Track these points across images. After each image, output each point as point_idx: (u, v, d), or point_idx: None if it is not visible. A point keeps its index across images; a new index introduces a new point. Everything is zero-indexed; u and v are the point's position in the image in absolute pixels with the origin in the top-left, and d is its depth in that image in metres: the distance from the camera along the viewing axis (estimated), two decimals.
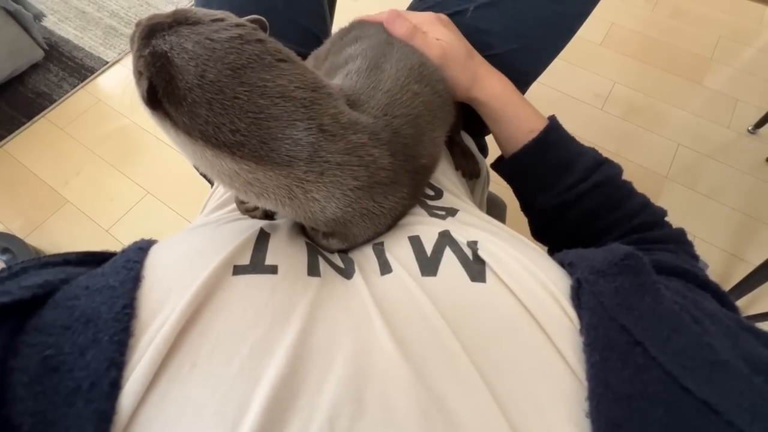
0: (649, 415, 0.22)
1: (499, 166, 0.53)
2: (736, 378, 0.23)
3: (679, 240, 0.41)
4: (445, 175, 0.49)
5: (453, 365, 0.24)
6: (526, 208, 0.53)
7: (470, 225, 0.35)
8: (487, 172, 0.63)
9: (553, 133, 0.46)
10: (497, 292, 0.28)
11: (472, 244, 0.31)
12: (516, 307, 0.27)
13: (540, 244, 0.44)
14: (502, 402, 0.23)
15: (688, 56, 1.46)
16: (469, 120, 0.59)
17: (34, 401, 0.21)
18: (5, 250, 1.01)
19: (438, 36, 0.46)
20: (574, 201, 0.45)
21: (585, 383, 0.24)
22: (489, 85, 0.48)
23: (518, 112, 0.47)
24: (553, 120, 0.47)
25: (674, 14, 1.57)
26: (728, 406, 0.22)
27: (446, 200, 0.43)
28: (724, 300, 0.33)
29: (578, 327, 0.26)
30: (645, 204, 0.44)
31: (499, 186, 1.00)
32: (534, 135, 0.46)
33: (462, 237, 0.32)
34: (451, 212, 0.38)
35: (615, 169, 0.45)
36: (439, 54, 0.45)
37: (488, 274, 0.29)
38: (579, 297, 0.27)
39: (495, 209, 0.73)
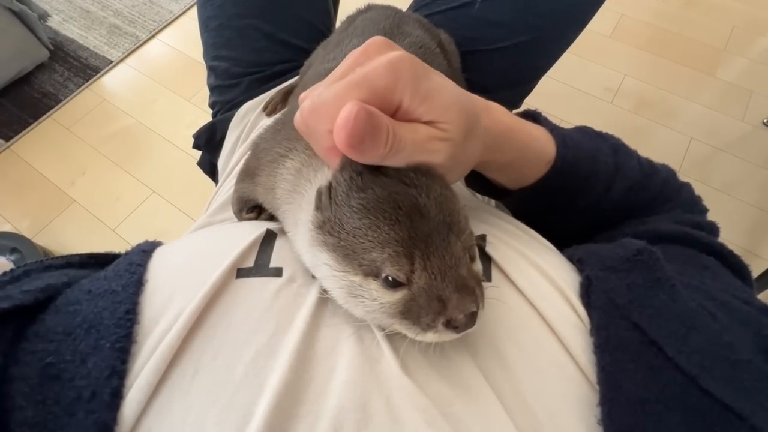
0: (666, 420, 0.21)
1: (511, 200, 0.41)
2: (760, 379, 0.22)
3: (687, 202, 0.39)
4: None
5: (458, 370, 0.24)
6: (542, 229, 0.45)
7: (476, 219, 0.34)
8: None
9: (569, 147, 0.36)
10: (504, 292, 0.27)
11: (480, 239, 0.30)
12: (523, 306, 0.26)
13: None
14: (510, 407, 0.22)
15: (701, 47, 1.42)
16: None
17: (35, 411, 0.20)
18: (13, 250, 1.01)
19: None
20: (596, 215, 0.39)
21: (597, 387, 0.23)
22: (495, 113, 0.33)
23: (531, 131, 0.35)
24: (553, 128, 0.37)
25: (686, 4, 1.54)
26: (752, 409, 0.21)
27: None
28: (730, 260, 0.31)
29: (588, 327, 0.25)
30: (663, 181, 0.39)
31: None
32: (553, 154, 0.35)
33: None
34: None
35: (631, 159, 0.39)
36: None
37: (494, 272, 0.28)
38: (589, 295, 0.26)
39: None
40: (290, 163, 0.30)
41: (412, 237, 0.22)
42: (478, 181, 0.41)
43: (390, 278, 0.22)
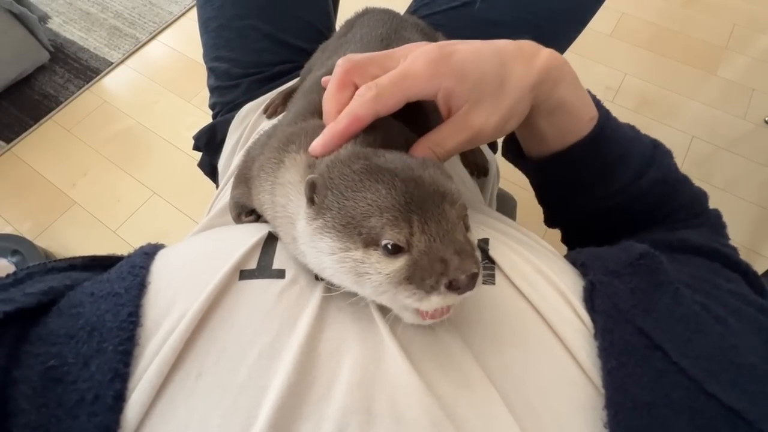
0: (672, 424, 0.21)
1: (528, 165, 0.41)
2: (765, 381, 0.22)
3: (715, 224, 0.38)
4: (454, 172, 0.48)
5: (463, 372, 0.23)
6: (555, 211, 0.44)
7: (480, 224, 0.34)
8: (497, 169, 0.62)
9: (609, 120, 0.37)
10: (507, 295, 0.27)
11: (483, 243, 0.30)
12: (527, 310, 0.26)
13: (547, 237, 0.39)
14: (515, 410, 0.22)
15: (702, 45, 1.42)
16: None
17: (37, 414, 0.20)
18: (15, 252, 1.01)
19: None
20: (622, 204, 0.38)
21: (602, 391, 0.23)
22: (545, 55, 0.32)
23: (581, 93, 0.35)
24: (598, 101, 0.37)
25: (687, 2, 1.53)
26: (758, 412, 0.21)
27: None
28: (755, 281, 0.31)
29: (592, 331, 0.25)
30: (693, 195, 0.39)
31: (508, 183, 0.99)
32: (594, 123, 0.35)
33: (472, 237, 0.31)
34: None
35: (668, 157, 0.38)
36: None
37: (498, 276, 0.28)
38: (593, 300, 0.26)
39: (505, 206, 0.71)
40: (276, 173, 0.30)
41: (408, 203, 0.23)
42: (512, 150, 0.42)
43: (390, 245, 0.22)
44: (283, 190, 0.29)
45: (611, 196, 0.38)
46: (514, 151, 0.42)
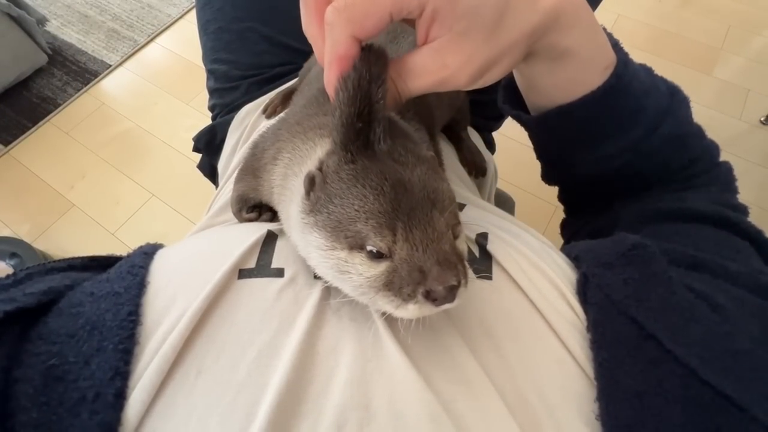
0: (665, 413, 0.21)
1: (527, 119, 0.36)
2: (760, 368, 0.22)
3: (725, 180, 0.36)
4: (453, 171, 0.48)
5: (460, 367, 0.24)
6: (558, 170, 0.40)
7: (478, 219, 0.34)
8: (495, 169, 0.62)
9: (628, 68, 0.32)
10: (503, 289, 0.27)
11: (481, 238, 0.30)
12: (523, 304, 0.27)
13: (545, 236, 0.37)
14: (511, 404, 0.22)
15: (698, 47, 1.43)
16: (476, 115, 0.58)
17: (39, 412, 0.20)
18: (13, 255, 1.01)
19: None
20: (629, 162, 0.34)
21: (595, 383, 0.23)
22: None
23: (598, 39, 0.30)
24: (617, 46, 0.33)
25: (682, 4, 1.54)
26: (752, 400, 0.21)
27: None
28: (765, 248, 0.30)
29: (585, 323, 0.25)
30: (704, 148, 0.36)
31: (506, 183, 0.99)
32: (609, 72, 0.31)
33: (470, 232, 0.32)
34: (458, 207, 0.37)
35: (684, 108, 0.35)
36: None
37: (495, 270, 0.28)
38: (585, 292, 0.26)
39: (503, 206, 0.71)
40: (282, 162, 0.31)
41: (395, 209, 0.22)
42: (510, 100, 0.37)
43: (374, 251, 0.23)
44: (282, 177, 0.29)
45: (619, 154, 0.34)
46: (511, 101, 0.37)
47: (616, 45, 0.32)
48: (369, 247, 0.23)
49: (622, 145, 0.34)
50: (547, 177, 0.43)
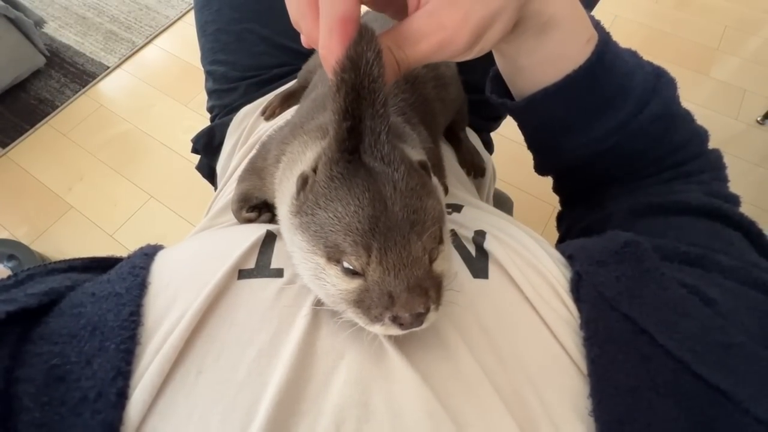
0: (657, 407, 0.21)
1: (516, 105, 0.36)
2: (753, 361, 0.22)
3: (715, 167, 0.36)
4: (451, 171, 0.49)
5: (457, 365, 0.24)
6: (548, 158, 0.41)
7: (475, 219, 0.35)
8: (494, 170, 0.62)
9: (609, 45, 0.33)
10: (500, 287, 0.28)
11: (479, 237, 0.31)
12: (519, 302, 0.27)
13: (543, 236, 0.37)
14: (508, 400, 0.23)
15: (694, 47, 1.44)
16: (474, 116, 0.58)
17: (41, 412, 0.20)
18: (11, 257, 1.01)
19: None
20: (617, 145, 0.35)
21: (588, 380, 0.23)
22: None
23: (579, 10, 0.31)
24: (599, 26, 0.33)
25: (679, 5, 1.55)
26: (745, 392, 0.21)
27: (451, 196, 0.42)
28: (758, 240, 0.31)
29: (579, 321, 0.25)
30: (693, 132, 0.36)
31: (505, 184, 0.99)
32: (591, 47, 0.32)
33: (467, 231, 0.32)
34: (456, 208, 0.38)
35: (671, 89, 0.35)
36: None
37: (491, 269, 0.29)
38: (578, 290, 0.27)
39: (502, 207, 0.72)
40: (282, 163, 0.31)
41: (372, 229, 0.22)
42: (497, 89, 0.37)
43: (349, 267, 0.23)
44: (289, 181, 0.30)
45: (606, 136, 0.35)
46: (498, 90, 0.37)
47: (597, 25, 0.33)
48: (344, 263, 0.23)
49: (610, 126, 0.34)
50: (540, 167, 0.43)
